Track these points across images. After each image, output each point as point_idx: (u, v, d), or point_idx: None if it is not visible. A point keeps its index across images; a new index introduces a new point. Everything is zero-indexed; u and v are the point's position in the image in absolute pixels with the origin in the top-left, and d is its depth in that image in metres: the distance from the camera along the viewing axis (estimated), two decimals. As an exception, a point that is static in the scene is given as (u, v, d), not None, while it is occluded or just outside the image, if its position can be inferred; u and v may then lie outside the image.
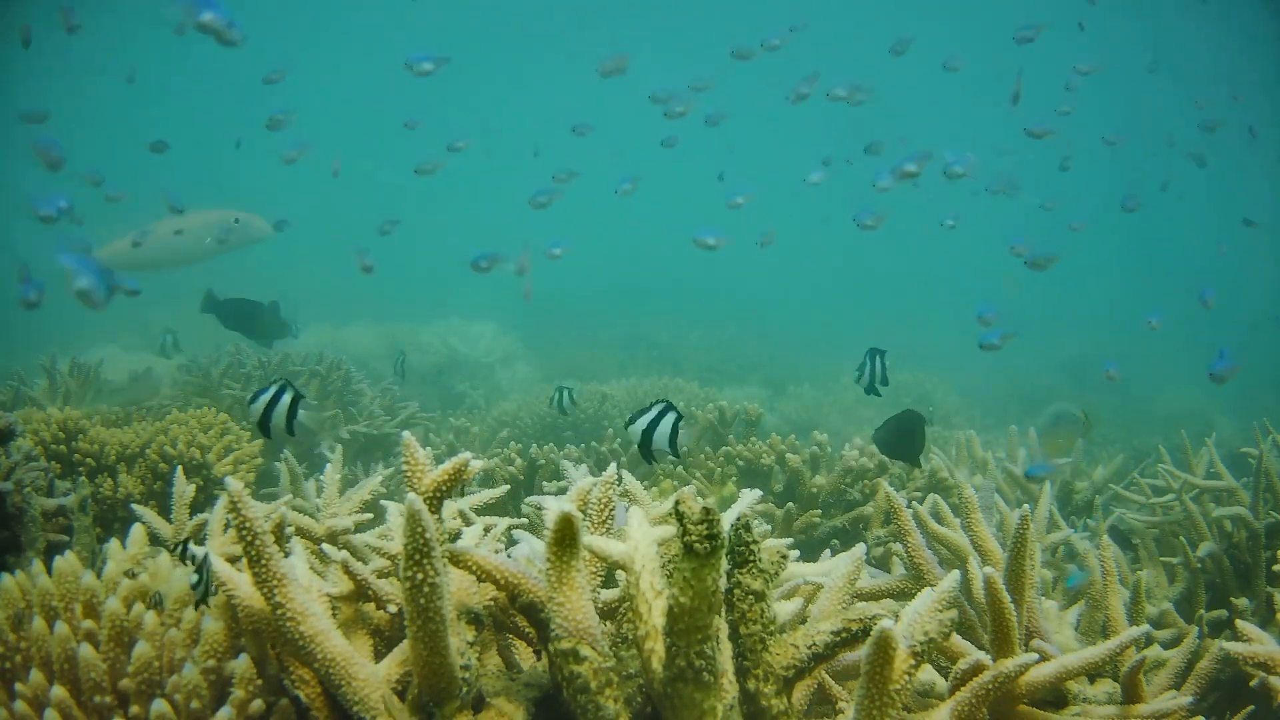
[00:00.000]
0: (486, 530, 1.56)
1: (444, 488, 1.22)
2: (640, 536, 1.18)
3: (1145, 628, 1.36)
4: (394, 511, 1.50)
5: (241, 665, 1.18)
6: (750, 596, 1.10)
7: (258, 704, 1.18)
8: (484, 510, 1.72)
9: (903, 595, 1.60)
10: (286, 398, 1.40)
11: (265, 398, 1.44)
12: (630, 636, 1.20)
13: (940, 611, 1.16)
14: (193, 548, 1.20)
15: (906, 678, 1.07)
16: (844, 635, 1.12)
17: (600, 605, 1.31)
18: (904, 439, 2.26)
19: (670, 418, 1.59)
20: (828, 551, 1.98)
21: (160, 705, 1.13)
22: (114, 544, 1.53)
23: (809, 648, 1.12)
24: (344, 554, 1.32)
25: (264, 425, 1.43)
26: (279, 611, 1.13)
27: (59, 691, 1.15)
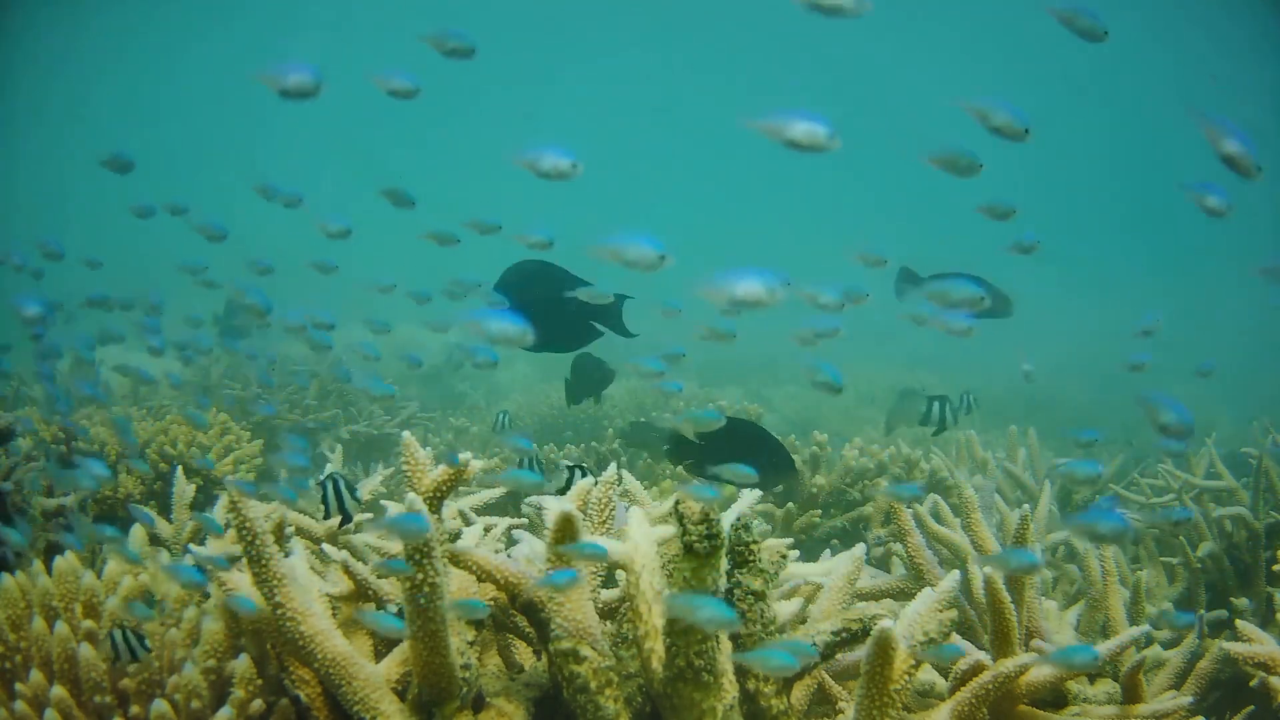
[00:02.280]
0: (486, 530, 1.56)
1: (444, 488, 1.22)
2: (640, 536, 1.18)
3: (1145, 628, 1.36)
4: (394, 511, 1.50)
5: (241, 665, 1.18)
6: (750, 596, 1.10)
7: (258, 704, 1.18)
8: (484, 510, 1.72)
9: (903, 595, 1.59)
10: (341, 487, 1.42)
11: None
12: (630, 636, 1.20)
13: (940, 611, 1.16)
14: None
15: (906, 678, 1.07)
16: (844, 635, 1.13)
17: (600, 605, 1.30)
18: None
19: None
20: (828, 551, 1.97)
21: (160, 705, 1.13)
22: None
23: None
24: (344, 554, 1.32)
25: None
26: (279, 611, 1.13)
27: (59, 691, 1.15)
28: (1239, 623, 1.41)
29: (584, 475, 1.45)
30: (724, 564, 1.09)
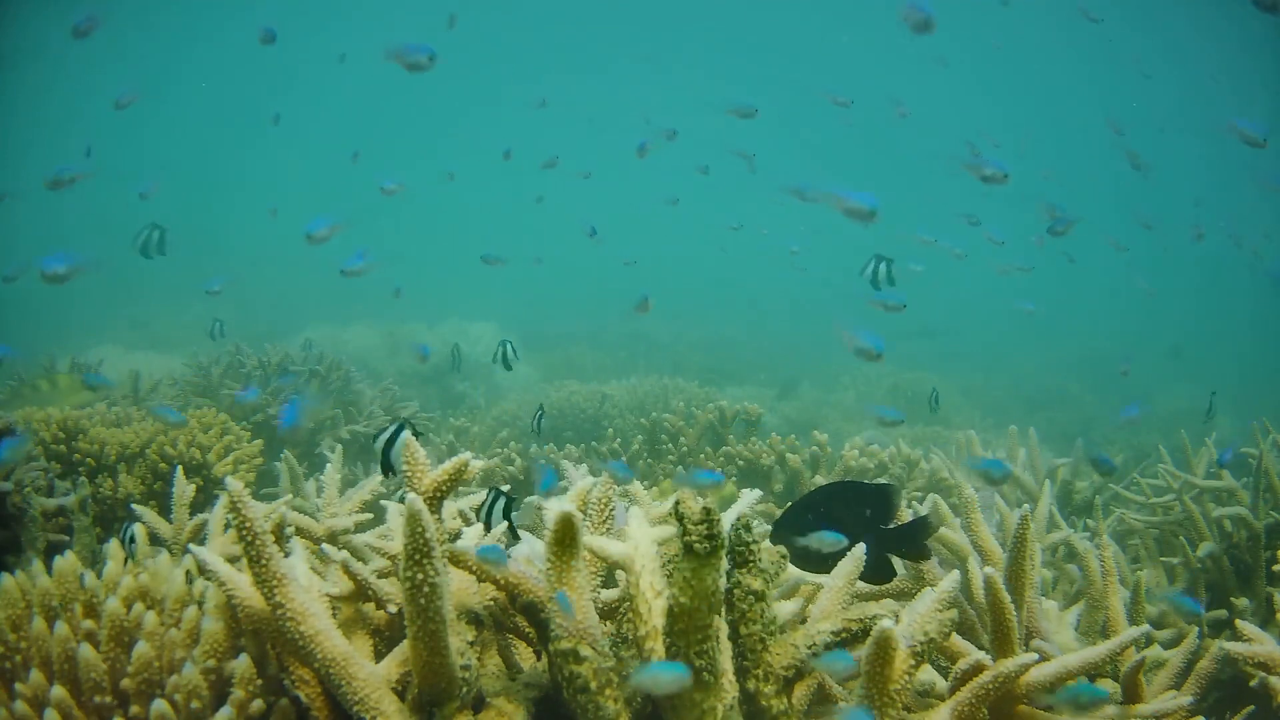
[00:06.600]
0: (487, 530, 1.56)
1: (444, 488, 1.22)
2: (640, 536, 1.18)
3: (1145, 628, 1.35)
4: (394, 511, 1.50)
5: (241, 665, 1.18)
6: (750, 596, 1.10)
7: (258, 704, 1.18)
8: (484, 510, 1.72)
9: (903, 595, 1.59)
10: (405, 435, 1.43)
11: (384, 436, 1.48)
12: (630, 636, 1.20)
13: (940, 611, 1.16)
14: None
15: (906, 678, 1.07)
16: (844, 635, 1.12)
17: (600, 605, 1.30)
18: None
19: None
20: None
21: (160, 705, 1.13)
22: (114, 544, 1.53)
23: (809, 648, 1.12)
24: (344, 554, 1.32)
25: (385, 463, 1.48)
26: (279, 611, 1.13)
27: (59, 691, 1.15)
28: (1239, 623, 1.41)
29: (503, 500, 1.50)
30: (724, 564, 1.09)
